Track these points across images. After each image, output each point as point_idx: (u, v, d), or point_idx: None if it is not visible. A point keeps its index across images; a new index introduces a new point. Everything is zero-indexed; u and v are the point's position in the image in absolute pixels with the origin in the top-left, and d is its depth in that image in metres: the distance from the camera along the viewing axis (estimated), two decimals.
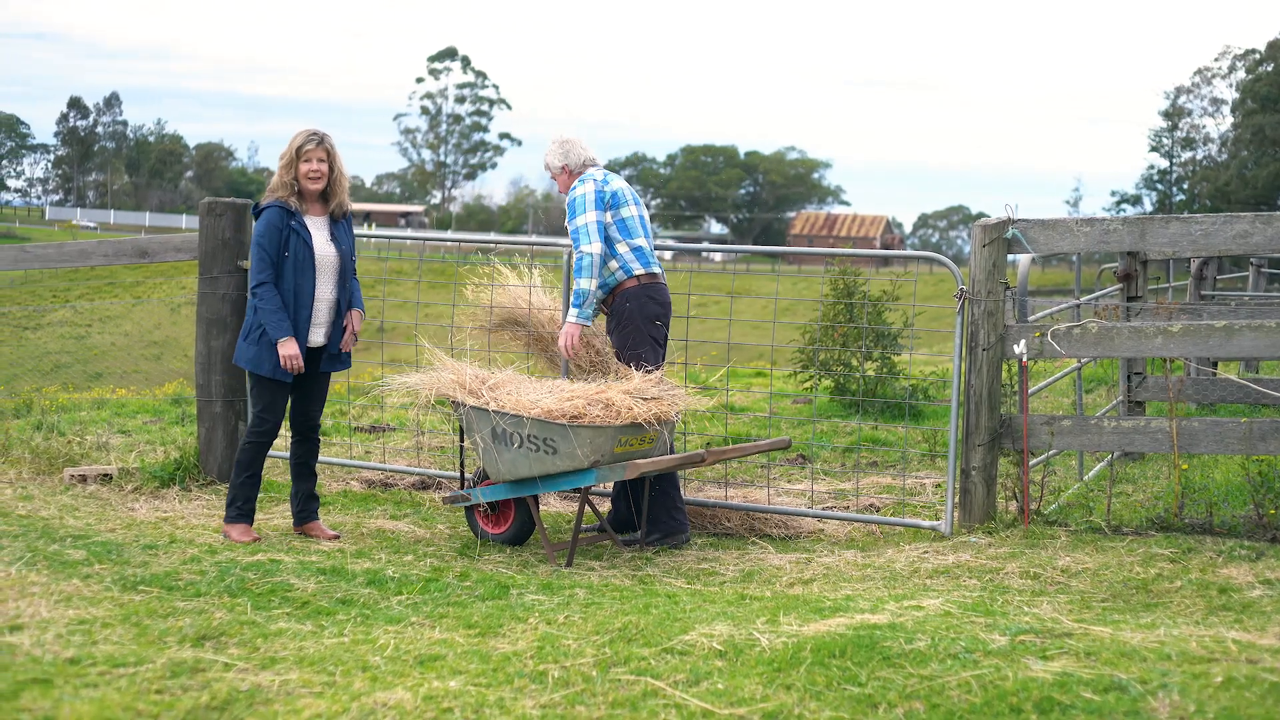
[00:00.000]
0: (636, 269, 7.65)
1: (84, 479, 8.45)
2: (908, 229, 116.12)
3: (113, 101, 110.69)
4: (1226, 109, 78.54)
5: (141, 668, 4.72)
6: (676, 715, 4.35)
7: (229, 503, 7.35)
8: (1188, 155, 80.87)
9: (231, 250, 8.65)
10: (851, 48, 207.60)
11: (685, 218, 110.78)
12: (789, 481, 9.44)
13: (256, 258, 7.17)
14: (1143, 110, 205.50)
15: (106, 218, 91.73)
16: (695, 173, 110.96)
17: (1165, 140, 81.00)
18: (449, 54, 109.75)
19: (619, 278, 7.65)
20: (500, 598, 6.05)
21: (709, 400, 8.75)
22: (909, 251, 8.53)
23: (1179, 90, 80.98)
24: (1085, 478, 9.24)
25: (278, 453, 8.88)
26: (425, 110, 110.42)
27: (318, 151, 7.28)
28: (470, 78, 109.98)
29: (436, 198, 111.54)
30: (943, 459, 9.91)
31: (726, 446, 7.74)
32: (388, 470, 9.22)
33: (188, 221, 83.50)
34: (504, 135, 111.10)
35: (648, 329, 7.64)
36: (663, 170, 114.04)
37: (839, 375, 13.17)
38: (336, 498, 8.66)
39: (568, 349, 7.59)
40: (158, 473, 8.54)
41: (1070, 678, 4.46)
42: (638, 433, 7.02)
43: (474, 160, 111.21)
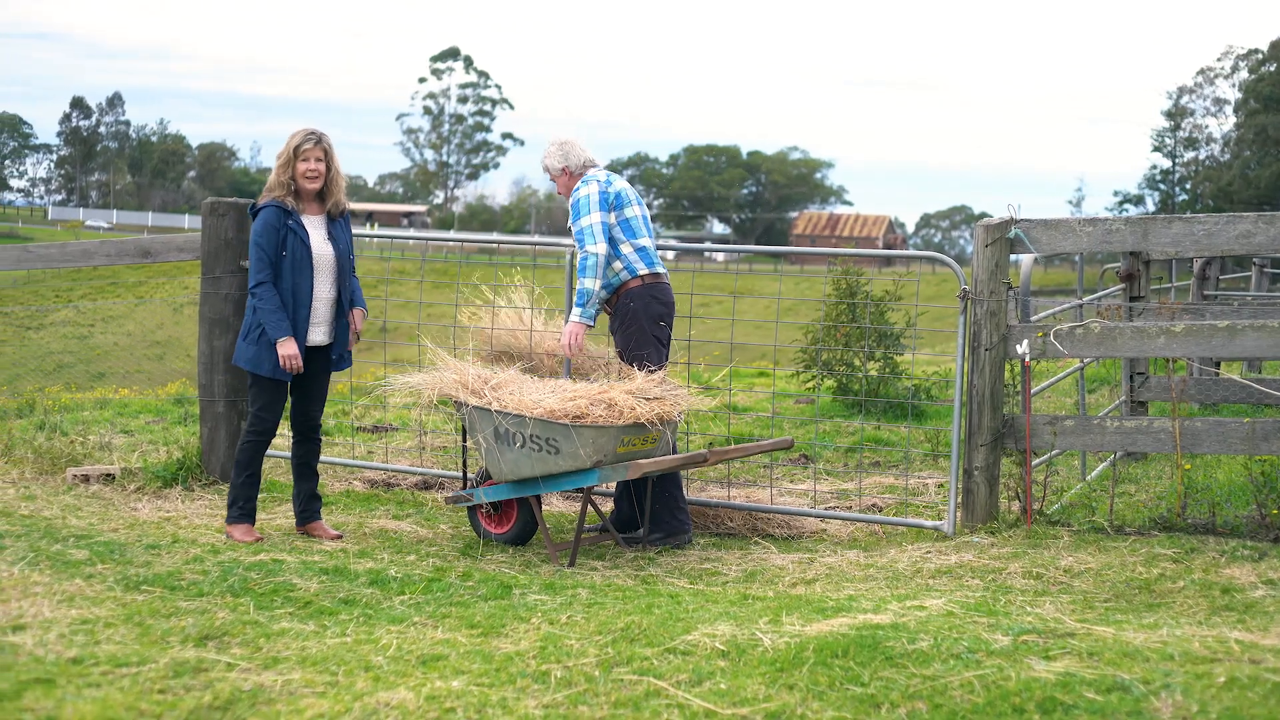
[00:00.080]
0: (641, 269, 7.65)
1: (87, 479, 8.45)
2: (910, 229, 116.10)
3: (115, 101, 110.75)
4: (1229, 109, 78.59)
5: (144, 667, 4.73)
6: (679, 715, 4.35)
7: (230, 503, 7.36)
8: (1190, 155, 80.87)
9: (234, 250, 8.65)
10: (854, 48, 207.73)
11: (688, 218, 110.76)
12: (791, 481, 9.44)
13: (255, 258, 7.18)
14: (1145, 110, 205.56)
15: (109, 218, 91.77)
16: (698, 173, 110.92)
17: (1168, 140, 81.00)
18: (451, 54, 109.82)
19: (623, 278, 7.65)
20: (503, 598, 6.05)
21: (711, 400, 8.75)
22: (911, 251, 8.53)
23: (1182, 90, 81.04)
24: (1088, 478, 9.23)
25: (280, 453, 8.89)
26: (428, 110, 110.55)
27: (315, 151, 7.28)
28: (473, 78, 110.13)
29: (439, 198, 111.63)
30: (945, 459, 9.91)
31: (729, 446, 7.74)
32: (390, 470, 9.22)
33: (190, 221, 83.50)
34: (506, 135, 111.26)
35: (651, 329, 7.64)
36: (665, 170, 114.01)
37: (841, 375, 13.17)
38: (339, 498, 8.66)
39: (569, 348, 7.59)
40: (160, 473, 8.54)
41: (1073, 678, 4.46)
42: (640, 433, 7.02)
43: (476, 160, 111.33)
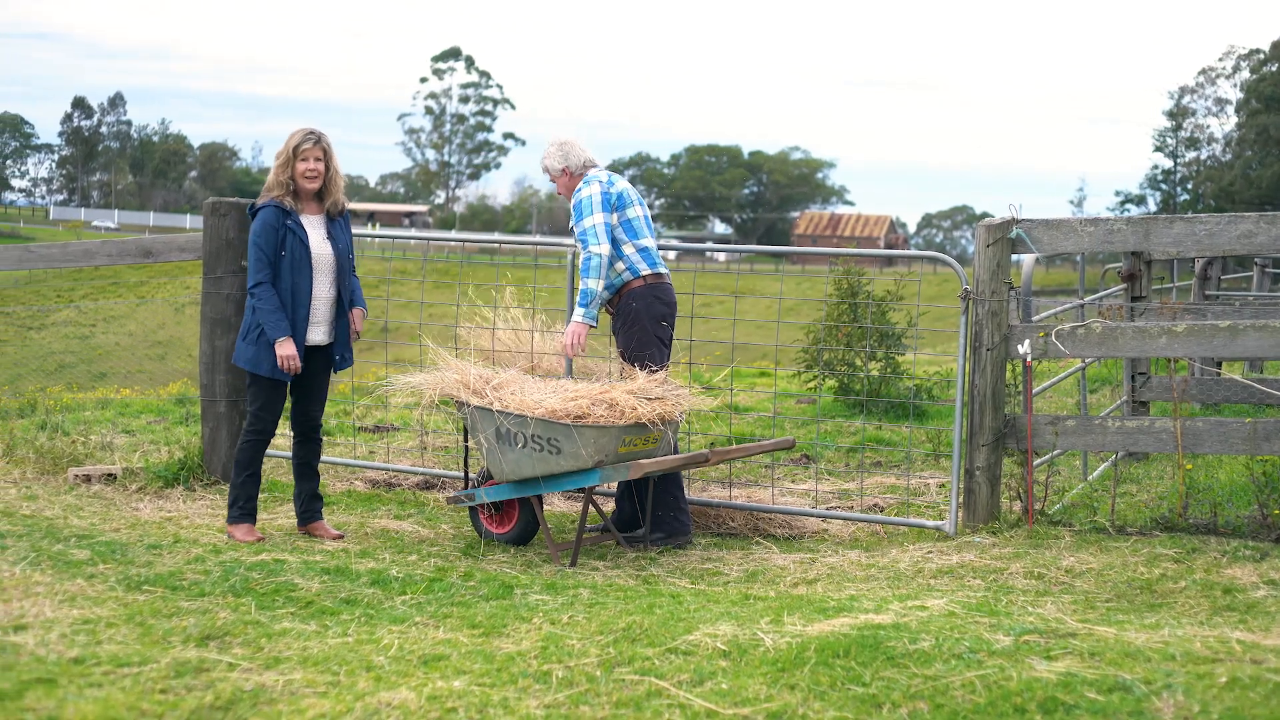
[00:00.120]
0: (643, 269, 7.65)
1: (88, 479, 8.45)
2: (912, 229, 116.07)
3: (117, 101, 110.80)
4: (1231, 109, 78.63)
5: (146, 667, 4.73)
6: (681, 715, 4.34)
7: (231, 503, 7.36)
8: (1192, 155, 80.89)
9: (235, 250, 8.65)
10: (856, 48, 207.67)
11: (689, 218, 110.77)
12: (793, 481, 9.43)
13: (254, 258, 7.18)
14: (1147, 110, 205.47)
15: (112, 217, 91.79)
16: (699, 173, 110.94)
17: (1169, 140, 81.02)
18: (453, 54, 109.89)
19: (625, 278, 7.65)
20: (504, 598, 6.04)
21: (713, 400, 8.75)
22: (913, 251, 8.52)
23: (1183, 90, 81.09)
24: (1089, 478, 9.22)
25: (281, 453, 8.89)
26: (429, 110, 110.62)
27: (314, 150, 7.28)
28: (474, 78, 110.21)
29: (440, 198, 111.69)
30: (947, 459, 9.91)
31: (730, 446, 7.74)
32: (392, 470, 9.22)
33: (192, 221, 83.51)
34: (508, 135, 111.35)
35: (654, 329, 7.64)
36: (667, 170, 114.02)
37: (843, 375, 13.16)
38: (340, 498, 8.66)
39: (572, 348, 7.59)
40: (162, 472, 8.54)
41: (1074, 678, 4.46)
42: (642, 433, 7.01)
43: (478, 160, 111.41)
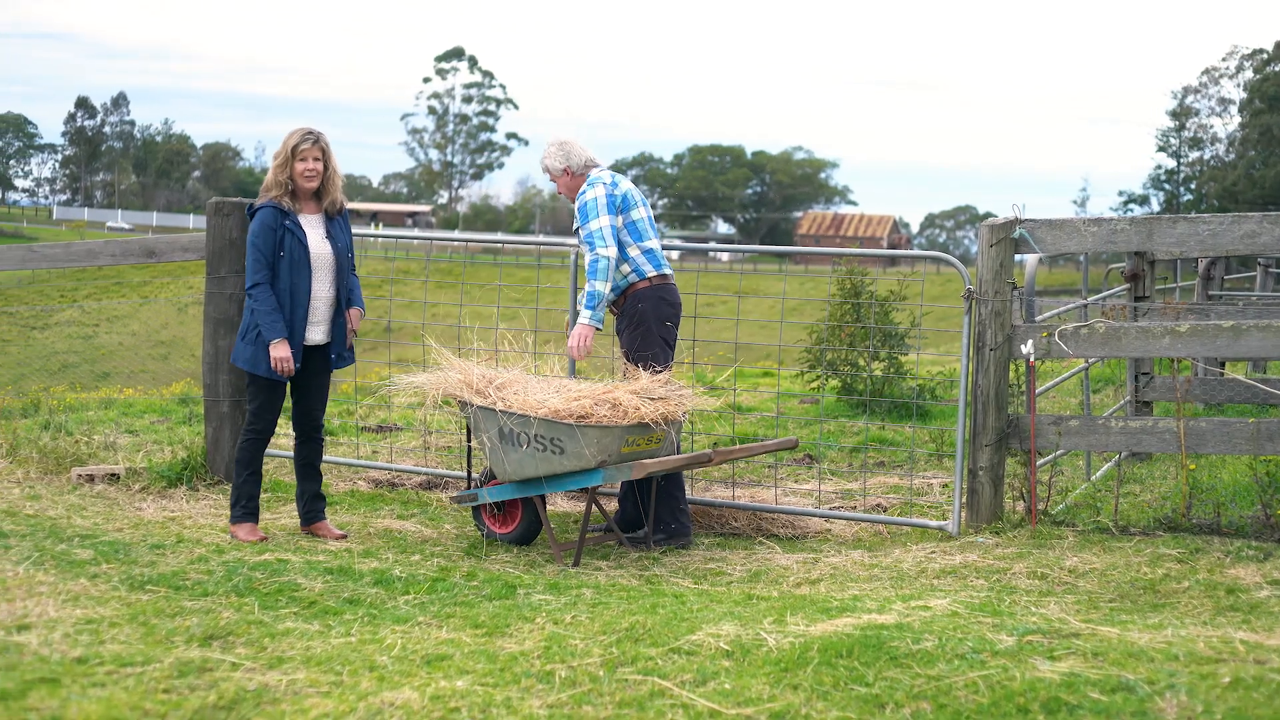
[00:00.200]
0: (649, 271, 7.66)
1: (91, 479, 8.46)
2: (915, 229, 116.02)
3: (120, 101, 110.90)
4: (1234, 109, 78.53)
5: (149, 667, 4.73)
6: (684, 715, 4.34)
7: (233, 503, 7.36)
8: (1195, 155, 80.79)
9: (239, 250, 8.65)
10: (859, 47, 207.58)
11: (692, 217, 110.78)
12: (796, 481, 9.43)
13: (251, 258, 7.18)
14: (1150, 110, 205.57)
15: (115, 217, 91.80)
16: (702, 172, 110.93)
17: (1173, 140, 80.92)
18: (456, 54, 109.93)
19: (631, 280, 7.65)
20: (507, 597, 6.04)
21: (716, 400, 8.74)
22: (916, 251, 8.52)
23: (1186, 90, 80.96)
24: (1092, 478, 9.22)
25: (284, 453, 8.89)
26: (432, 110, 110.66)
27: (313, 150, 7.28)
28: (477, 77, 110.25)
29: (443, 197, 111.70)
30: (950, 459, 9.91)
31: (733, 446, 7.74)
32: (395, 470, 9.22)
33: (195, 221, 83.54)
34: (511, 135, 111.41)
35: (659, 330, 7.64)
36: (670, 170, 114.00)
37: (846, 375, 13.16)
38: (343, 497, 8.67)
39: (577, 350, 7.58)
40: (165, 472, 8.55)
41: (1078, 678, 4.46)
42: (645, 433, 7.01)
43: (481, 160, 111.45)
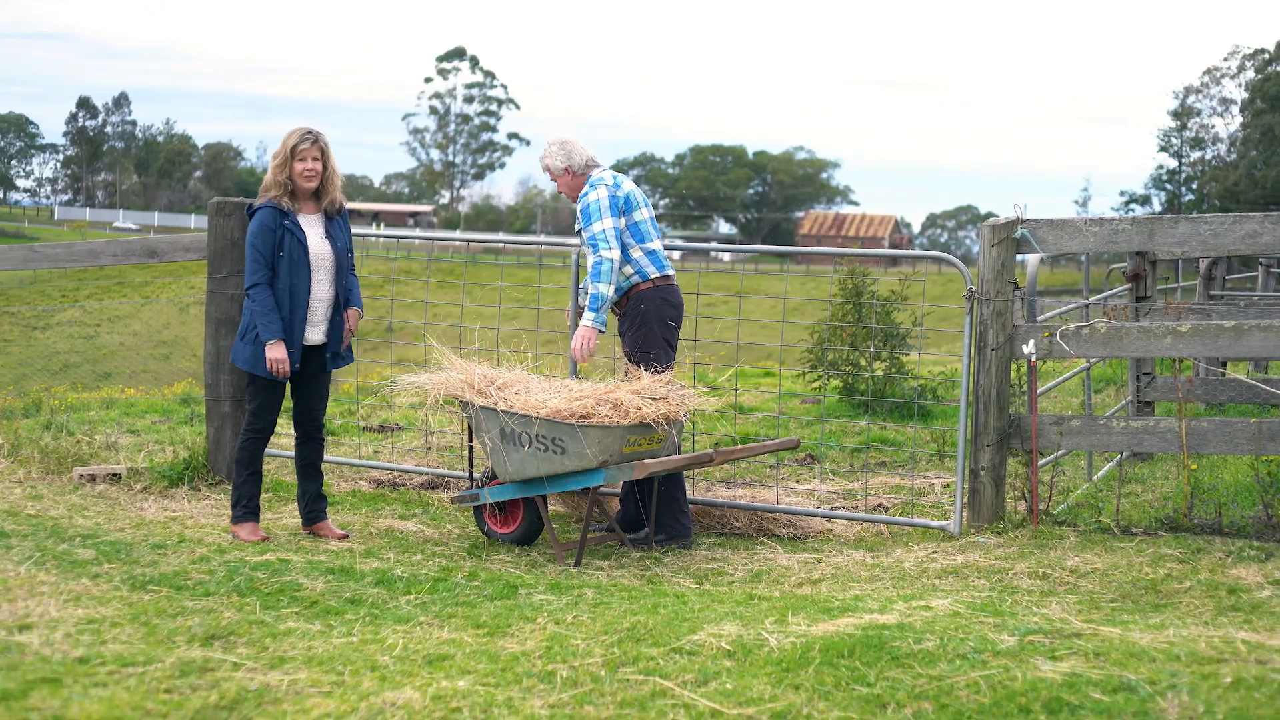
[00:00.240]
0: (652, 272, 7.66)
1: (93, 478, 8.46)
2: (916, 229, 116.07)
3: (121, 101, 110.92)
4: (1236, 109, 78.50)
5: (150, 667, 4.73)
6: (685, 715, 4.34)
7: (234, 503, 7.36)
8: (1197, 155, 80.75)
9: (240, 250, 8.65)
10: (860, 48, 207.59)
11: (694, 217, 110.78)
12: (797, 481, 9.43)
13: (250, 259, 7.19)
14: (1152, 110, 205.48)
15: (116, 217, 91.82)
16: (704, 172, 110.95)
17: (1174, 140, 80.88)
18: (457, 54, 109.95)
19: (634, 281, 7.65)
20: (509, 597, 6.04)
21: (717, 400, 8.75)
22: (917, 251, 8.51)
23: (1188, 90, 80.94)
24: (1094, 478, 9.22)
25: (286, 453, 8.90)
26: (434, 110, 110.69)
27: (312, 150, 7.28)
28: (479, 77, 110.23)
29: (445, 197, 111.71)
30: (951, 459, 9.90)
31: (735, 446, 7.74)
32: (396, 470, 9.22)
33: (196, 221, 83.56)
34: (512, 135, 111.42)
35: (661, 331, 7.65)
36: (671, 170, 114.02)
37: (847, 375, 13.16)
38: (345, 497, 8.67)
39: (580, 352, 7.56)
40: (166, 472, 8.55)
41: (1079, 678, 4.45)
42: (646, 433, 7.01)
43: (482, 160, 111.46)
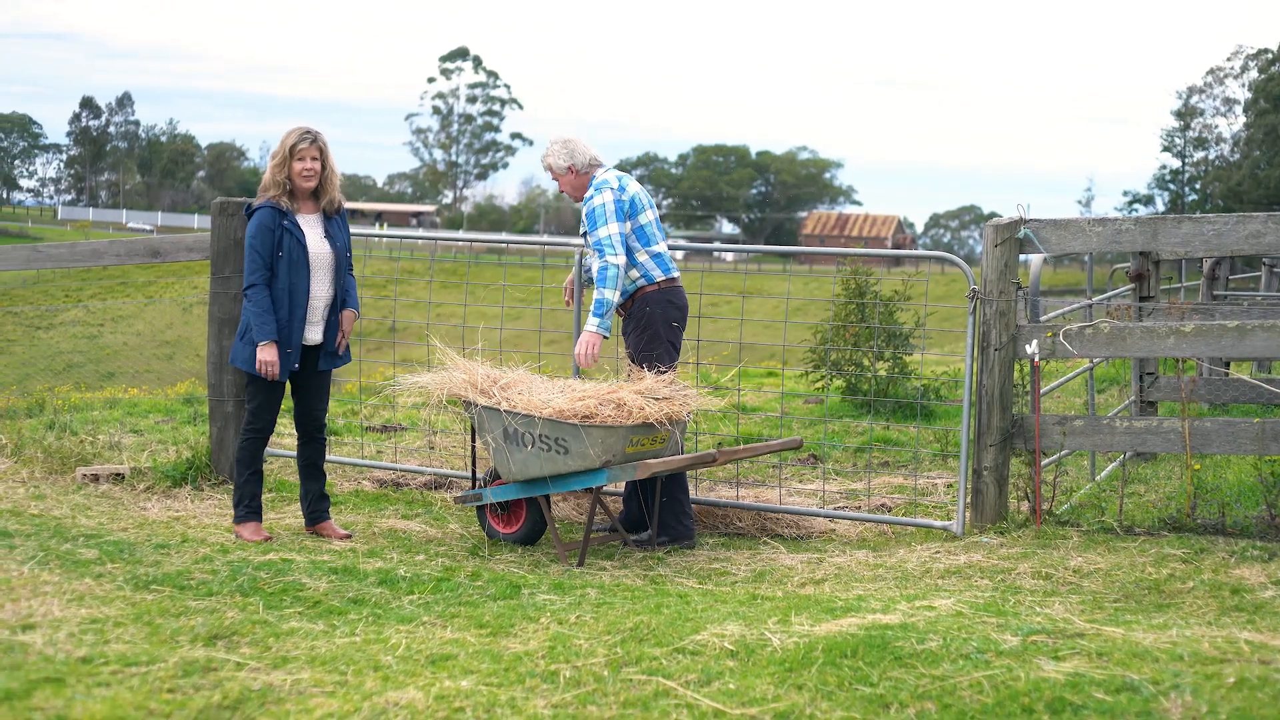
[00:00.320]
0: (658, 275, 7.66)
1: (96, 478, 8.47)
2: (919, 229, 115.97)
3: (125, 101, 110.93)
4: (1239, 109, 78.36)
5: (154, 667, 4.73)
6: (688, 715, 4.34)
7: (236, 503, 7.37)
8: (1200, 155, 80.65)
9: (243, 250, 8.65)
10: (864, 47, 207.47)
11: (697, 217, 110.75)
12: (801, 481, 9.43)
13: (249, 259, 7.19)
14: (1155, 110, 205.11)
15: (119, 218, 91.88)
16: (707, 172, 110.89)
17: (1178, 140, 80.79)
18: (460, 54, 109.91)
19: (640, 284, 7.65)
20: (512, 597, 6.05)
21: (720, 400, 8.74)
22: (921, 251, 8.52)
23: (1191, 90, 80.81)
24: (1097, 478, 9.21)
25: (288, 453, 8.90)
26: (437, 110, 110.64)
27: (311, 150, 7.29)
28: (482, 77, 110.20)
29: (448, 197, 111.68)
30: (954, 459, 9.90)
31: (738, 446, 7.74)
32: (399, 470, 9.22)
33: (200, 221, 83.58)
34: (515, 135, 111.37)
35: (666, 333, 7.65)
36: (674, 170, 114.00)
37: (850, 375, 13.16)
38: (348, 497, 8.67)
39: (584, 358, 7.55)
40: (170, 472, 8.55)
41: (1082, 678, 4.45)
42: (649, 433, 7.01)
43: (485, 160, 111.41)
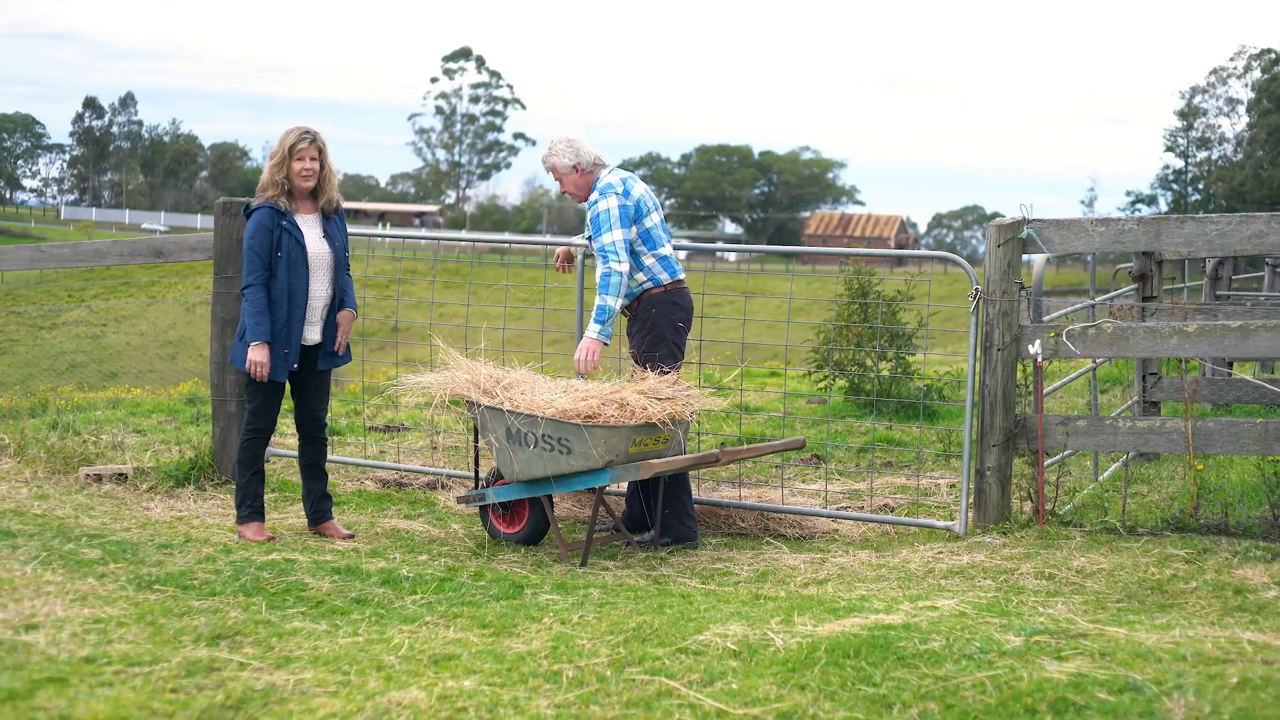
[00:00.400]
0: (664, 278, 7.65)
1: (99, 478, 8.47)
2: (922, 229, 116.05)
3: (128, 101, 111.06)
4: (1242, 109, 78.30)
5: (156, 667, 4.73)
6: (691, 715, 4.34)
7: (238, 503, 7.37)
8: (1203, 155, 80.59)
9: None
10: (866, 47, 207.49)
11: (700, 217, 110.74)
12: (803, 482, 9.43)
13: (247, 259, 7.19)
14: (1158, 110, 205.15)
15: (122, 218, 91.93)
16: (710, 172, 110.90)
17: (1181, 140, 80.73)
18: (463, 54, 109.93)
19: (646, 287, 7.64)
20: (515, 597, 6.05)
21: (723, 400, 8.74)
22: (924, 251, 8.51)
23: (1194, 90, 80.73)
24: (1100, 478, 9.21)
25: (290, 453, 8.90)
26: (440, 110, 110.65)
27: (310, 150, 7.29)
28: (484, 77, 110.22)
29: (451, 197, 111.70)
30: (957, 459, 9.89)
31: (741, 446, 7.73)
32: (402, 470, 9.22)
33: (203, 221, 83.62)
34: (518, 135, 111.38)
35: (671, 335, 7.64)
36: (677, 170, 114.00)
37: (853, 375, 13.15)
38: (351, 497, 8.67)
39: (584, 364, 7.52)
40: (172, 472, 8.56)
41: (1085, 678, 4.45)
42: (652, 433, 7.01)
43: (488, 160, 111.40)
